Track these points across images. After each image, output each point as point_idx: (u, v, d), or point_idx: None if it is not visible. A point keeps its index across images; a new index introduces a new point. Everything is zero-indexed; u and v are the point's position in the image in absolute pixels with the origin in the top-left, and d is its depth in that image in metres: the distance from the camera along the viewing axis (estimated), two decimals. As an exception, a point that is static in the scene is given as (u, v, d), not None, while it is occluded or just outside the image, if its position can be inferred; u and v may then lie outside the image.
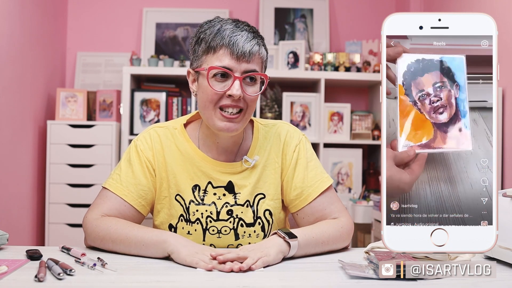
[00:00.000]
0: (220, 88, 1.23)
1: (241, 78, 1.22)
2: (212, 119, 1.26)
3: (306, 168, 1.34)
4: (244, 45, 1.21)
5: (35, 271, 0.98)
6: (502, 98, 2.60)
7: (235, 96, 1.21)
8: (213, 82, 1.23)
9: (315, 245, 1.20)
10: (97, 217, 1.24)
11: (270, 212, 1.34)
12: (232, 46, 1.21)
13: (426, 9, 3.46)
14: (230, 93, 1.21)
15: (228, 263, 1.04)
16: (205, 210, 1.31)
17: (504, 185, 2.56)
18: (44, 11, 3.23)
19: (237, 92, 1.21)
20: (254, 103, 1.27)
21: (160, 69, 3.30)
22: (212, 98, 1.24)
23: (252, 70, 1.23)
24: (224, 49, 1.22)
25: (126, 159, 1.34)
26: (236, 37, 1.21)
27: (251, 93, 1.24)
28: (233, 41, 1.21)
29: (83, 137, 3.18)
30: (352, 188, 3.45)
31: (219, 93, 1.23)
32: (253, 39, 1.23)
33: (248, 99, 1.24)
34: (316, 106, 3.36)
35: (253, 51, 1.22)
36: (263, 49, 1.27)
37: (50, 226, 3.15)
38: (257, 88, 1.26)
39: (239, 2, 3.68)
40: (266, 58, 1.30)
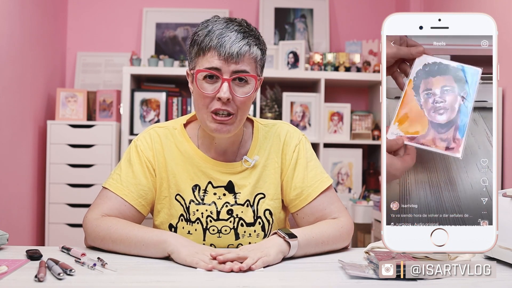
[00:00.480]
0: (211, 91, 1.22)
1: (230, 80, 1.21)
2: (204, 122, 1.26)
3: (306, 168, 1.34)
4: (231, 46, 1.20)
5: (35, 271, 0.98)
6: (502, 98, 2.60)
7: (223, 99, 1.21)
8: (203, 84, 1.23)
9: (315, 245, 1.20)
10: (98, 217, 1.24)
11: (270, 211, 1.34)
12: (220, 48, 1.20)
13: (426, 9, 3.46)
14: (219, 96, 1.21)
15: (228, 263, 1.04)
16: (205, 210, 1.31)
17: (504, 185, 2.56)
18: (44, 11, 3.23)
19: (225, 94, 1.20)
20: (245, 104, 1.26)
21: (160, 69, 3.30)
22: (204, 102, 1.24)
23: (241, 71, 1.22)
24: (212, 51, 1.21)
25: (126, 159, 1.34)
26: (224, 38, 1.21)
27: (241, 95, 1.23)
28: (220, 43, 1.20)
29: (83, 137, 3.18)
30: (352, 188, 3.45)
31: (209, 96, 1.23)
32: (242, 40, 1.22)
33: (238, 101, 1.23)
34: (316, 106, 3.36)
35: (241, 52, 1.21)
36: (256, 48, 1.25)
37: (50, 226, 3.15)
38: (248, 89, 1.25)
39: (239, 2, 3.68)
40: (262, 57, 1.28)
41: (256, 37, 1.26)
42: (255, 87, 1.26)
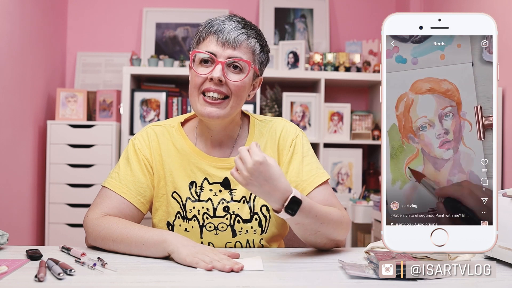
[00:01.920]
0: (204, 73, 1.25)
1: (224, 63, 1.24)
2: (195, 105, 1.28)
3: (301, 162, 1.34)
4: (230, 32, 1.24)
5: (35, 271, 0.98)
6: (502, 98, 2.60)
7: (215, 79, 1.23)
8: (198, 67, 1.26)
9: (315, 215, 1.14)
10: (98, 216, 1.25)
11: (267, 207, 1.33)
12: (219, 33, 1.24)
13: (426, 9, 3.46)
14: (211, 76, 1.23)
15: (227, 263, 1.03)
16: (201, 207, 1.31)
17: (504, 185, 2.56)
18: (44, 11, 3.23)
19: (217, 74, 1.22)
20: (240, 91, 1.26)
21: (160, 69, 3.30)
22: (195, 83, 1.26)
23: (237, 57, 1.24)
24: (211, 36, 1.25)
25: (124, 157, 1.35)
26: (224, 25, 1.25)
27: (234, 80, 1.25)
28: (220, 29, 1.24)
29: (83, 137, 3.18)
30: (352, 188, 3.45)
31: (202, 77, 1.25)
32: (242, 29, 1.25)
33: (232, 85, 1.25)
34: (316, 106, 3.36)
35: (239, 39, 1.24)
36: (254, 41, 1.27)
37: (50, 226, 3.15)
38: (242, 76, 1.26)
39: (239, 2, 3.68)
40: (261, 52, 1.30)
41: (257, 32, 1.29)
42: (248, 75, 1.27)
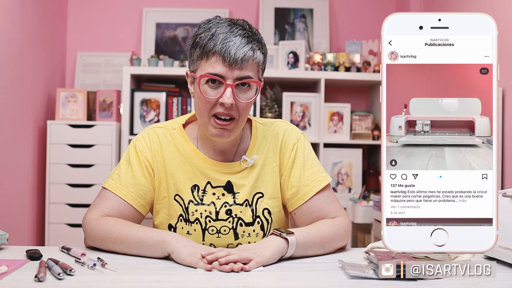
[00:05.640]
0: (213, 95, 1.22)
1: (233, 86, 1.21)
2: (206, 126, 1.26)
3: (303, 166, 1.34)
4: (236, 52, 1.19)
5: (35, 271, 0.98)
6: (502, 98, 2.60)
7: (227, 105, 1.21)
8: (206, 88, 1.23)
9: (313, 243, 1.19)
10: (97, 217, 1.25)
11: (269, 211, 1.34)
12: (224, 53, 1.19)
13: (426, 9, 3.46)
14: (222, 101, 1.21)
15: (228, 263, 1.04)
16: (204, 210, 1.31)
17: (504, 185, 2.56)
18: (44, 11, 3.23)
19: (228, 100, 1.20)
20: (247, 109, 1.26)
21: (160, 69, 3.30)
22: (205, 106, 1.24)
23: (245, 77, 1.22)
24: (216, 56, 1.20)
25: (125, 159, 1.34)
26: (229, 43, 1.19)
27: (244, 100, 1.23)
28: (225, 48, 1.19)
29: (83, 137, 3.18)
30: (352, 188, 3.45)
31: (212, 101, 1.23)
32: (247, 45, 1.21)
33: (241, 106, 1.24)
34: (316, 106, 3.36)
35: (246, 58, 1.20)
36: (259, 53, 1.24)
37: (50, 226, 3.15)
38: (251, 93, 1.25)
39: (239, 2, 3.68)
40: (264, 61, 1.28)
41: (259, 41, 1.26)
42: (257, 91, 1.26)
